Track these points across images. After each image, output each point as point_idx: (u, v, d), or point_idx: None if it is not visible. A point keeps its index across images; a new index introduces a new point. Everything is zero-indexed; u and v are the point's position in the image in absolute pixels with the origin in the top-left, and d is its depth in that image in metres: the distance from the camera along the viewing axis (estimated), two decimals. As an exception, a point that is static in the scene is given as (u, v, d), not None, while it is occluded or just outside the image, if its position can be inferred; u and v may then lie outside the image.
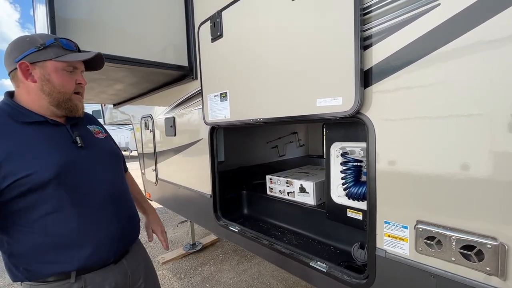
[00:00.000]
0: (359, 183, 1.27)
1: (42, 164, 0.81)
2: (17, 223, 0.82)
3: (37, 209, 0.81)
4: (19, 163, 0.78)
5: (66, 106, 0.90)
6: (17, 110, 0.85)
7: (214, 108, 1.68)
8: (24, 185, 0.78)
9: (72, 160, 0.88)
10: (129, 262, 1.03)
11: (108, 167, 1.00)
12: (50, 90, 0.86)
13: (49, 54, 0.85)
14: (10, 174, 0.76)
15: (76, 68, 0.92)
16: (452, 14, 0.76)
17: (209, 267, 2.84)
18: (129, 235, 1.05)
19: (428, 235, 0.85)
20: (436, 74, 0.81)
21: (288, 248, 1.42)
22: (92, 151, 0.96)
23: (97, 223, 0.91)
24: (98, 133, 1.05)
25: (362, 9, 0.94)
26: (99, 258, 0.91)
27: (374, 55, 0.94)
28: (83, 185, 0.89)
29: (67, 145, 0.90)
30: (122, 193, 1.05)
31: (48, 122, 0.88)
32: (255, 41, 1.35)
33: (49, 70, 0.85)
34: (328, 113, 1.06)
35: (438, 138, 0.81)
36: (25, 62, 0.84)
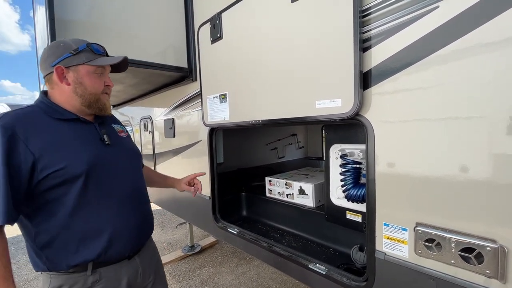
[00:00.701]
0: (358, 185, 1.27)
1: (76, 158, 0.86)
2: (46, 214, 0.85)
3: (66, 201, 0.86)
4: (55, 157, 0.83)
5: (96, 105, 0.97)
6: (52, 108, 0.92)
7: (214, 109, 1.68)
8: (59, 177, 0.83)
9: (100, 156, 0.93)
10: (141, 259, 1.05)
11: (130, 165, 1.05)
12: (82, 92, 0.93)
13: (82, 59, 0.91)
14: (47, 167, 0.81)
15: (105, 70, 0.99)
16: (451, 16, 0.76)
17: (208, 270, 2.83)
18: (144, 232, 1.07)
19: (427, 237, 0.85)
20: (434, 76, 0.81)
21: (287, 250, 1.41)
22: (117, 148, 1.02)
23: (117, 217, 0.95)
24: (121, 132, 1.11)
25: (361, 11, 0.94)
26: (116, 252, 0.94)
27: (373, 57, 0.94)
28: (108, 180, 0.94)
29: (96, 141, 0.96)
30: (141, 190, 1.09)
31: (79, 119, 0.95)
32: (255, 42, 1.35)
33: (81, 73, 0.92)
34: (328, 114, 1.06)
35: (437, 140, 0.81)
36: (61, 66, 0.90)
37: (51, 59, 0.90)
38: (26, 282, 2.73)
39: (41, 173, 0.81)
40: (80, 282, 0.89)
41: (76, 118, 0.94)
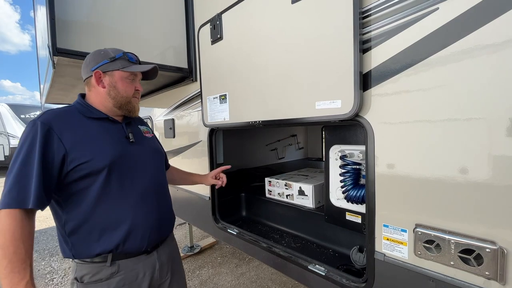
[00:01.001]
0: (358, 186, 1.27)
1: (100, 153, 0.94)
2: (73, 203, 0.93)
3: (89, 192, 0.93)
4: (82, 151, 0.92)
5: (126, 107, 1.06)
6: (86, 108, 1.02)
7: (214, 110, 1.68)
8: (84, 169, 0.91)
9: (123, 153, 1.00)
10: (160, 255, 1.08)
11: (152, 162, 1.11)
12: (115, 94, 1.03)
13: (117, 65, 1.02)
14: (75, 159, 0.90)
15: (136, 76, 1.09)
16: (451, 18, 0.77)
17: (207, 270, 2.82)
18: (164, 228, 1.10)
19: (427, 238, 0.85)
20: (434, 78, 0.81)
21: (287, 251, 1.41)
22: (141, 147, 1.09)
23: (136, 211, 1.00)
24: (147, 133, 1.19)
25: (361, 13, 0.94)
26: (133, 245, 0.98)
27: (373, 58, 0.94)
28: (130, 175, 1.00)
29: (121, 139, 1.04)
30: (162, 187, 1.14)
31: (108, 119, 1.04)
32: (255, 43, 1.36)
33: (116, 78, 1.03)
34: (327, 115, 1.06)
35: (437, 141, 0.82)
36: (99, 71, 1.01)
37: (91, 65, 1.02)
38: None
39: (69, 165, 0.89)
40: (101, 272, 0.95)
41: (105, 118, 1.03)
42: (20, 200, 0.80)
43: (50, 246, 3.54)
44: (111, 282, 0.95)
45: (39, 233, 3.99)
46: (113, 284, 0.95)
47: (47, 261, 3.13)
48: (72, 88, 2.27)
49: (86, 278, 0.94)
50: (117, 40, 1.60)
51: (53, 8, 1.36)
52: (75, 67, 1.60)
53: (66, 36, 1.41)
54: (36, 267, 2.98)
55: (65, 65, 1.53)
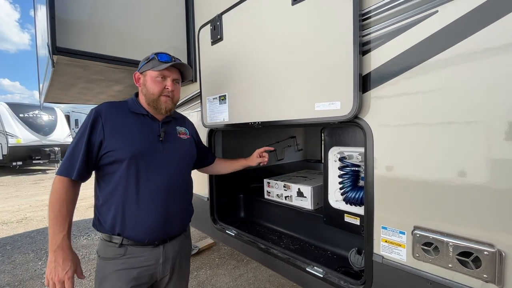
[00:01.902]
0: (356, 188, 1.27)
1: (126, 146, 1.03)
2: (103, 183, 1.06)
3: (114, 177, 1.04)
4: (114, 139, 1.03)
5: (153, 105, 1.12)
6: (133, 103, 1.14)
7: (213, 110, 1.68)
8: (111, 156, 1.02)
9: (149, 149, 1.08)
10: (166, 251, 1.12)
11: (177, 162, 1.16)
12: (145, 92, 1.12)
13: (149, 66, 1.11)
14: (107, 146, 1.02)
15: (167, 76, 1.13)
16: (450, 21, 0.77)
17: (205, 271, 2.81)
18: (170, 228, 1.13)
19: (425, 241, 0.85)
20: (434, 81, 0.81)
21: (285, 253, 1.41)
22: (170, 146, 1.15)
23: (145, 206, 1.06)
24: (182, 134, 1.25)
25: (361, 15, 0.95)
26: (136, 235, 1.05)
27: (372, 60, 0.94)
28: (148, 171, 1.07)
29: (152, 136, 1.12)
30: (181, 188, 1.17)
31: (148, 115, 1.13)
32: (255, 44, 1.36)
33: (147, 77, 1.12)
34: (327, 117, 1.07)
35: (435, 144, 0.82)
36: (137, 72, 1.16)
37: (138, 68, 1.17)
38: (21, 282, 2.71)
39: (103, 150, 1.02)
40: (112, 251, 1.05)
41: (146, 114, 1.13)
42: (69, 171, 0.99)
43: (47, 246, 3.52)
44: (117, 262, 1.04)
45: (36, 232, 3.96)
46: (118, 266, 1.04)
47: (43, 261, 3.11)
48: (71, 88, 2.27)
49: (101, 253, 1.07)
50: (117, 40, 1.60)
51: (53, 7, 1.36)
52: (75, 66, 1.60)
53: (66, 35, 1.41)
54: (32, 267, 2.96)
55: (65, 64, 1.53)
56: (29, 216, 4.64)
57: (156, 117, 1.15)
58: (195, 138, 1.35)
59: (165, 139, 1.14)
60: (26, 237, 3.80)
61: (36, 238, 3.78)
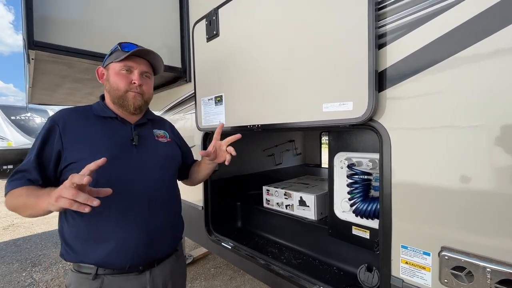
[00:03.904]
0: (368, 199, 1.14)
1: (91, 155, 0.83)
2: None
3: None
4: (76, 150, 0.87)
5: (119, 102, 0.96)
6: (99, 107, 0.99)
7: (208, 112, 1.55)
8: (73, 170, 0.83)
9: (119, 157, 0.91)
10: (154, 277, 0.95)
11: (157, 170, 0.99)
12: (109, 88, 0.96)
13: (112, 58, 0.96)
14: (68, 158, 0.86)
15: (133, 68, 0.97)
16: (485, 7, 0.66)
17: (200, 283, 2.66)
18: (158, 246, 0.96)
19: (455, 264, 0.73)
20: (465, 76, 0.69)
21: (287, 270, 1.27)
22: (146, 151, 0.98)
23: (120, 223, 0.89)
24: (161, 137, 1.07)
25: (377, 3, 0.83)
26: (115, 261, 0.88)
27: (390, 55, 0.82)
28: (121, 182, 0.89)
29: (124, 141, 0.95)
30: (164, 199, 1.00)
31: (116, 118, 0.97)
32: (255, 40, 1.24)
33: (110, 71, 0.96)
34: (336, 119, 0.94)
35: (469, 150, 0.69)
36: (101, 67, 1.00)
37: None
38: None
39: (63, 163, 0.86)
40: (85, 285, 0.87)
41: (114, 117, 0.97)
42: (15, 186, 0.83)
43: (33, 256, 3.34)
44: None
45: (23, 240, 3.77)
46: None
47: (28, 272, 2.93)
48: (57, 88, 2.13)
49: (72, 287, 0.89)
50: (104, 35, 1.47)
51: (30, 4, 1.22)
52: (57, 63, 1.47)
53: (45, 29, 1.27)
54: (15, 278, 2.78)
55: (45, 61, 1.39)
56: (16, 223, 4.43)
57: (127, 120, 0.99)
58: (178, 143, 1.16)
59: (140, 143, 0.97)
60: (11, 245, 3.61)
61: (22, 247, 3.58)
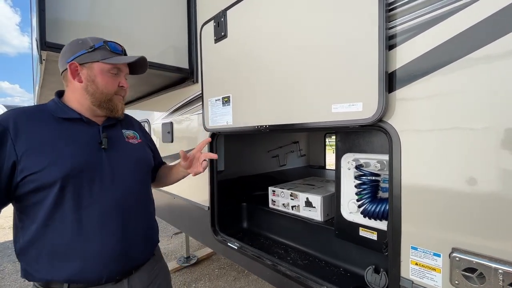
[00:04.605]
0: (376, 200, 1.14)
1: (54, 163, 0.78)
2: (26, 218, 0.81)
3: (41, 209, 0.79)
4: (35, 159, 0.77)
5: (107, 106, 0.91)
6: (58, 107, 0.88)
7: (215, 113, 1.56)
8: (34, 181, 0.77)
9: (88, 162, 0.84)
10: (133, 285, 0.91)
11: (130, 174, 0.93)
12: (94, 90, 0.88)
13: (97, 56, 0.88)
14: (25, 169, 0.76)
15: (121, 71, 0.93)
16: (497, 9, 0.66)
17: (204, 283, 2.66)
18: (134, 255, 0.92)
19: (467, 266, 0.72)
20: (476, 78, 0.69)
21: (293, 270, 1.27)
22: (116, 155, 0.91)
23: (94, 235, 0.83)
24: (131, 138, 1.02)
25: (388, 4, 0.83)
26: (90, 275, 0.82)
27: (400, 56, 0.83)
28: (91, 189, 0.84)
29: (91, 145, 0.87)
30: (139, 204, 0.95)
31: (82, 120, 0.89)
32: (263, 41, 1.24)
33: (95, 71, 0.88)
34: (345, 120, 0.95)
35: (480, 151, 0.69)
36: (75, 62, 0.87)
37: (67, 56, 0.89)
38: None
39: (19, 175, 0.76)
40: None
41: (78, 119, 0.88)
42: None
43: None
44: None
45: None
46: None
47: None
48: (65, 88, 2.15)
49: None
50: (113, 36, 1.47)
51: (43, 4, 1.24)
52: (67, 64, 1.48)
53: (58, 30, 1.29)
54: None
55: (55, 61, 1.40)
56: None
57: (93, 120, 0.91)
58: (149, 143, 1.12)
59: (110, 147, 0.90)
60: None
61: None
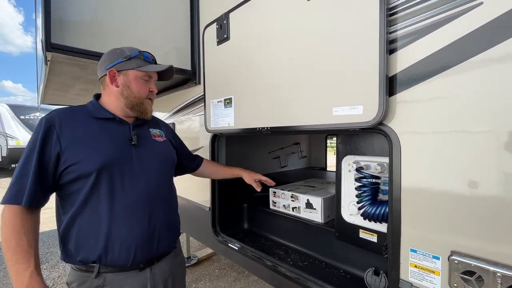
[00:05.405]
0: (376, 203, 1.14)
1: (91, 156, 0.88)
2: (68, 205, 0.91)
3: (80, 196, 0.89)
4: (75, 151, 0.87)
5: (138, 108, 1.02)
6: (95, 107, 0.99)
7: (217, 114, 1.57)
8: (74, 172, 0.87)
9: (120, 156, 0.94)
10: (154, 274, 0.98)
11: (156, 169, 1.03)
12: (128, 94, 0.99)
13: (132, 64, 0.99)
14: (67, 160, 0.86)
15: (151, 77, 1.05)
16: (498, 14, 0.66)
17: (204, 284, 2.67)
18: (158, 244, 0.99)
19: (465, 269, 0.73)
20: (476, 82, 0.70)
21: (294, 272, 1.28)
22: (144, 151, 1.01)
23: (122, 222, 0.91)
24: (157, 136, 1.12)
25: (388, 9, 0.84)
26: (117, 259, 0.90)
27: (401, 60, 0.84)
28: (123, 181, 0.93)
29: (123, 141, 0.98)
30: (164, 197, 1.04)
31: (115, 119, 1.00)
32: (265, 44, 1.26)
33: (130, 77, 1.00)
34: (346, 123, 0.95)
35: (480, 154, 0.70)
36: (113, 69, 0.99)
37: (106, 63, 1.00)
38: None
39: (62, 165, 0.86)
40: (87, 283, 0.89)
41: (112, 118, 0.99)
42: (17, 197, 0.82)
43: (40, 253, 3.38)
44: None
45: (30, 238, 3.83)
46: None
47: (36, 269, 2.98)
48: (69, 89, 2.17)
49: (74, 285, 0.91)
50: (116, 38, 1.50)
51: (49, 1, 1.26)
52: (71, 65, 1.50)
53: (62, 32, 1.31)
54: (23, 275, 2.82)
55: (60, 62, 1.43)
56: (24, 221, 4.51)
57: (125, 120, 1.02)
58: (173, 141, 1.24)
59: (139, 143, 1.00)
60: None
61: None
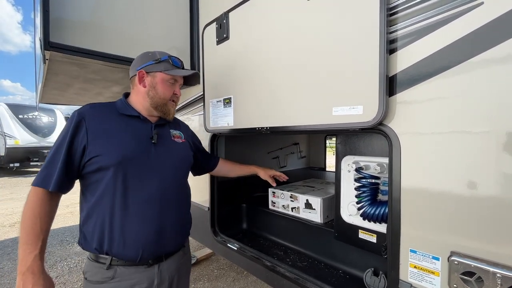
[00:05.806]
0: (376, 203, 1.14)
1: (112, 150, 0.93)
2: (88, 194, 0.95)
3: (99, 187, 0.93)
4: (98, 144, 0.92)
5: (161, 109, 1.07)
6: (122, 104, 1.05)
7: (217, 114, 1.57)
8: (95, 163, 0.92)
9: (139, 152, 0.98)
10: (162, 270, 1.00)
11: (171, 169, 1.06)
12: (154, 95, 1.04)
13: (160, 67, 1.05)
14: (91, 151, 0.91)
15: (177, 81, 1.10)
16: (498, 14, 0.66)
17: (203, 284, 2.66)
18: (167, 242, 1.02)
19: (465, 269, 0.73)
20: (476, 83, 0.70)
21: (293, 272, 1.28)
22: (163, 150, 1.05)
23: (135, 217, 0.94)
24: (177, 137, 1.15)
25: (388, 9, 0.84)
26: (127, 253, 0.93)
27: (401, 60, 0.83)
28: (140, 177, 0.96)
29: (144, 139, 1.02)
30: (176, 197, 1.07)
31: (139, 117, 1.04)
32: (265, 43, 1.25)
33: (157, 79, 1.05)
34: (346, 123, 0.95)
35: (480, 155, 0.70)
36: (143, 70, 1.04)
37: (138, 64, 1.06)
38: (8, 292, 2.56)
39: (86, 156, 0.91)
40: (100, 274, 0.93)
41: (137, 116, 1.04)
42: (46, 181, 0.88)
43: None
44: (105, 287, 0.92)
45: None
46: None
47: (34, 269, 2.97)
48: (67, 88, 2.16)
49: (88, 275, 0.95)
50: (115, 37, 1.50)
51: (47, 6, 1.25)
52: (70, 64, 1.50)
53: (60, 30, 1.30)
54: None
55: (59, 61, 1.42)
56: (22, 220, 4.49)
57: (148, 119, 1.07)
58: (191, 142, 1.27)
59: (159, 142, 1.04)
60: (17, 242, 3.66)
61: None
